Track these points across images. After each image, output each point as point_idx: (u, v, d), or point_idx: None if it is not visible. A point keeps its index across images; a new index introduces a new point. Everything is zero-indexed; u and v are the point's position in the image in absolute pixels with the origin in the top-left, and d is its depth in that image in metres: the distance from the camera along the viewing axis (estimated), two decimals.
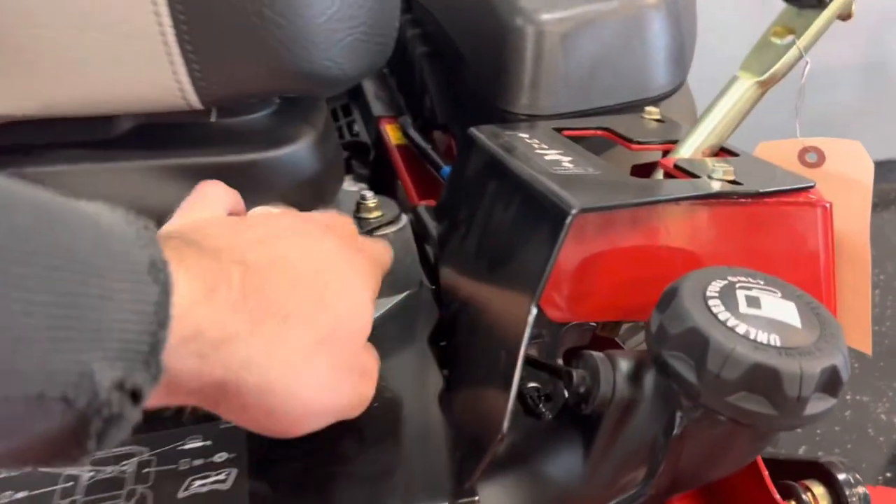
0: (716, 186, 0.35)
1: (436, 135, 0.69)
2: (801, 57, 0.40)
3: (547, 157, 0.38)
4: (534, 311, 0.30)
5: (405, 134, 0.68)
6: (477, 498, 0.31)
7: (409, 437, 0.35)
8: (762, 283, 0.31)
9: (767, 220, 0.35)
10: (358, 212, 0.49)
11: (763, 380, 0.27)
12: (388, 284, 0.47)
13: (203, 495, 0.32)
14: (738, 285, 0.30)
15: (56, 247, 0.20)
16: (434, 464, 0.33)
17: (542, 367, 0.35)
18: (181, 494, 0.32)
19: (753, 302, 0.30)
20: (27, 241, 0.20)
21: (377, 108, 0.76)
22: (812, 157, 0.42)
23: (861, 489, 0.40)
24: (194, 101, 0.33)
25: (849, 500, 0.39)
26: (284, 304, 0.28)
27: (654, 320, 0.31)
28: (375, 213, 0.49)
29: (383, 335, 0.44)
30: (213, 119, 0.37)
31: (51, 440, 0.21)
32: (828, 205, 0.36)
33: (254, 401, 0.27)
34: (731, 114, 0.42)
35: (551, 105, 0.49)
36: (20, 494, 0.32)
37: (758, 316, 0.29)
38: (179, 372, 0.24)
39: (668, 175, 0.40)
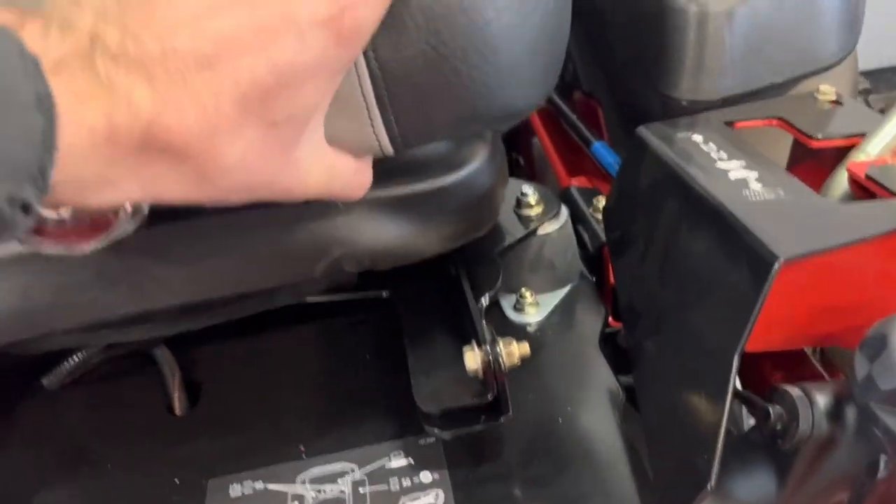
0: None
1: (575, 94, 0.67)
2: None
3: (732, 176, 0.37)
4: (738, 359, 0.30)
5: (550, 100, 0.67)
6: None
7: (600, 461, 0.37)
8: None
9: None
10: (518, 207, 0.50)
11: None
12: (550, 280, 0.48)
13: None
14: None
15: None
16: (628, 494, 0.34)
17: (739, 397, 0.36)
18: None
19: None
20: None
21: None
22: None
23: None
24: (388, 151, 0.34)
25: None
26: (184, 146, 0.28)
27: (860, 366, 0.31)
28: (537, 209, 0.50)
29: (550, 336, 0.46)
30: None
31: None
32: None
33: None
34: None
35: (715, 89, 0.48)
36: None
37: None
38: (63, 196, 0.27)
39: (855, 184, 0.38)
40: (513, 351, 0.37)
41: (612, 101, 0.58)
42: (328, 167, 0.33)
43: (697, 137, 0.42)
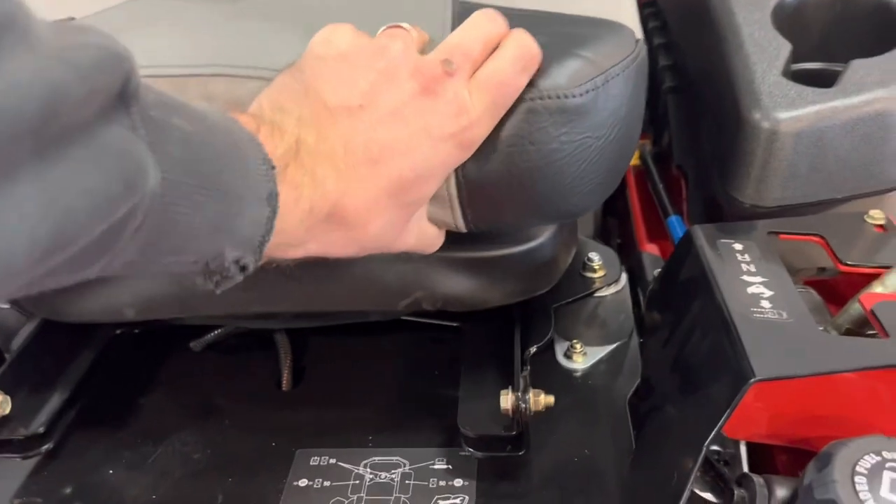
0: None
1: (671, 163, 0.74)
2: None
3: (750, 291, 0.44)
4: (711, 438, 0.38)
5: (642, 158, 0.74)
6: None
7: (600, 499, 0.45)
8: None
9: None
10: (583, 269, 0.58)
11: None
12: (601, 336, 0.57)
13: None
14: (888, 465, 0.36)
15: (223, 184, 0.32)
16: None
17: (712, 470, 0.43)
18: None
19: (894, 486, 0.35)
20: (207, 181, 0.31)
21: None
22: None
23: None
24: (462, 230, 0.44)
25: None
26: (355, 221, 0.38)
27: (808, 473, 0.38)
28: (599, 273, 0.58)
29: (590, 385, 0.54)
30: None
31: (191, 274, 0.34)
32: None
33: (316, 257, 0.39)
34: None
35: (775, 199, 0.54)
36: (326, 483, 0.47)
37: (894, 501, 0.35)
38: (275, 252, 0.36)
39: (860, 319, 0.44)
40: (539, 401, 0.46)
41: (695, 181, 0.65)
42: (420, 232, 0.44)
43: (738, 246, 0.48)
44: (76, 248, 0.27)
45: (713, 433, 0.38)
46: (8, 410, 0.49)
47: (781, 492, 0.40)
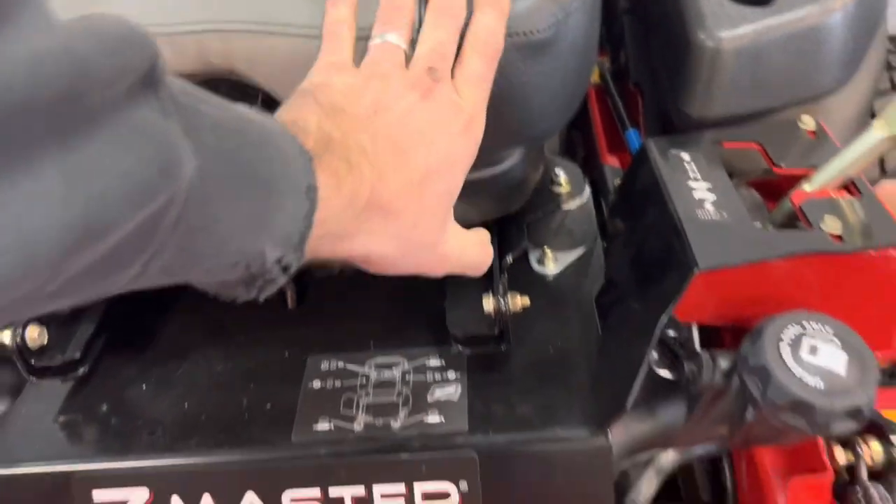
0: (820, 242, 0.46)
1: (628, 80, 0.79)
2: None
3: (695, 195, 0.50)
4: (662, 321, 0.45)
5: (602, 76, 0.79)
6: (610, 434, 0.49)
7: (573, 381, 0.52)
8: (830, 331, 0.44)
9: (857, 271, 0.47)
10: (551, 184, 0.65)
11: (803, 409, 0.42)
12: (568, 243, 0.63)
13: (441, 401, 0.52)
14: (806, 334, 0.44)
15: (260, 176, 0.31)
16: (580, 402, 0.50)
17: (668, 351, 0.51)
18: (429, 399, 0.52)
19: (813, 350, 0.43)
20: (243, 172, 0.30)
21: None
22: None
23: None
24: None
25: None
26: (392, 207, 0.39)
27: (744, 345, 0.45)
28: (566, 188, 0.64)
29: (561, 288, 0.61)
30: None
31: (233, 284, 0.34)
32: None
33: (357, 259, 0.41)
34: (861, 159, 0.51)
35: (721, 112, 0.60)
36: (337, 383, 0.54)
37: (812, 363, 0.43)
38: (319, 249, 0.36)
39: (791, 213, 0.51)
40: (517, 302, 0.53)
41: (649, 96, 0.70)
42: (461, 241, 0.47)
43: (685, 156, 0.55)
44: (111, 241, 0.25)
45: (664, 317, 0.45)
46: (46, 341, 0.55)
47: (724, 363, 0.48)
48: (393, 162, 0.39)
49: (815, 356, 0.43)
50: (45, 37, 0.22)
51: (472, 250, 0.48)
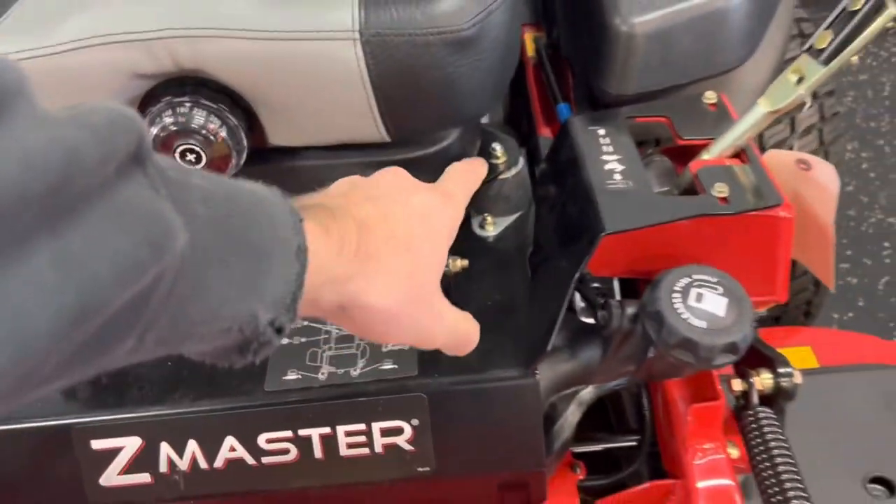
0: (709, 205, 0.55)
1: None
2: (803, 102, 0.56)
3: (607, 167, 0.58)
4: (575, 277, 0.53)
5: (537, 51, 0.86)
6: (538, 373, 0.57)
7: (506, 327, 0.61)
8: (714, 280, 0.53)
9: (741, 229, 0.55)
10: (489, 157, 0.72)
11: (690, 346, 0.50)
12: (506, 208, 0.71)
13: (394, 351, 0.60)
14: (694, 284, 0.52)
15: (251, 243, 0.32)
16: (513, 347, 0.58)
17: (588, 300, 0.59)
18: (383, 349, 0.60)
19: (699, 297, 0.52)
20: (234, 240, 0.31)
21: (520, 12, 0.92)
22: (804, 165, 0.59)
23: (796, 380, 0.62)
24: (385, 139, 0.56)
25: (783, 386, 0.62)
26: (383, 252, 0.40)
27: (645, 294, 0.53)
28: (502, 160, 0.71)
29: (499, 249, 0.69)
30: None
31: (226, 350, 0.34)
32: (787, 215, 0.55)
33: (358, 317, 0.41)
34: (750, 131, 0.59)
35: (636, 89, 0.67)
36: (302, 339, 0.62)
37: (698, 308, 0.51)
38: (316, 302, 0.37)
39: (691, 180, 0.59)
40: (456, 264, 0.61)
41: (578, 72, 0.78)
42: (455, 313, 0.49)
43: (601, 132, 0.62)
44: (103, 319, 0.25)
45: (578, 273, 0.53)
46: None
47: (630, 309, 0.56)
48: (375, 215, 0.42)
49: (700, 302, 0.51)
50: (36, 131, 0.23)
51: (465, 324, 0.49)
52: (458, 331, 0.49)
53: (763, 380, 0.62)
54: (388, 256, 0.41)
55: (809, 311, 1.06)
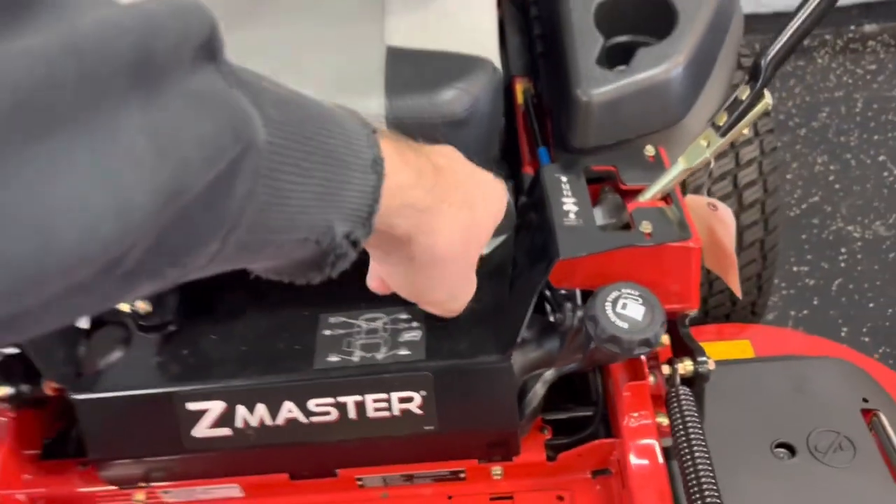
0: (636, 239, 0.75)
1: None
2: (709, 162, 0.77)
3: (564, 207, 0.79)
4: (538, 288, 0.74)
5: (525, 101, 1.06)
6: (512, 358, 0.78)
7: (491, 325, 0.81)
8: (637, 294, 0.73)
9: (659, 257, 0.76)
10: None
11: (616, 341, 0.71)
12: (495, 231, 0.92)
13: (409, 341, 0.81)
14: (622, 297, 0.73)
15: (326, 149, 0.31)
16: (495, 340, 0.79)
17: (550, 305, 0.80)
18: (400, 340, 0.81)
19: (624, 306, 0.72)
20: (310, 146, 0.31)
21: (515, 65, 1.12)
22: (713, 207, 0.80)
23: (710, 367, 0.83)
24: None
25: (700, 371, 0.83)
26: (454, 201, 0.43)
27: (587, 303, 0.74)
28: None
29: (487, 265, 0.90)
30: None
31: (302, 264, 0.35)
32: (695, 246, 0.75)
33: (419, 253, 0.42)
34: (673, 181, 0.79)
35: (593, 142, 0.87)
36: (340, 331, 0.83)
37: (623, 314, 0.72)
38: (391, 226, 0.37)
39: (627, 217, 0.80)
40: None
41: (554, 122, 0.98)
42: (471, 293, 0.64)
43: (563, 178, 0.83)
44: (190, 199, 0.25)
45: (540, 286, 0.74)
46: (150, 308, 0.83)
47: (579, 312, 0.77)
48: (447, 167, 0.44)
49: (625, 310, 0.72)
50: (109, 6, 0.23)
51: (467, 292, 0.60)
52: (465, 301, 0.63)
53: (685, 366, 0.83)
54: (456, 207, 0.43)
55: (754, 311, 1.26)
